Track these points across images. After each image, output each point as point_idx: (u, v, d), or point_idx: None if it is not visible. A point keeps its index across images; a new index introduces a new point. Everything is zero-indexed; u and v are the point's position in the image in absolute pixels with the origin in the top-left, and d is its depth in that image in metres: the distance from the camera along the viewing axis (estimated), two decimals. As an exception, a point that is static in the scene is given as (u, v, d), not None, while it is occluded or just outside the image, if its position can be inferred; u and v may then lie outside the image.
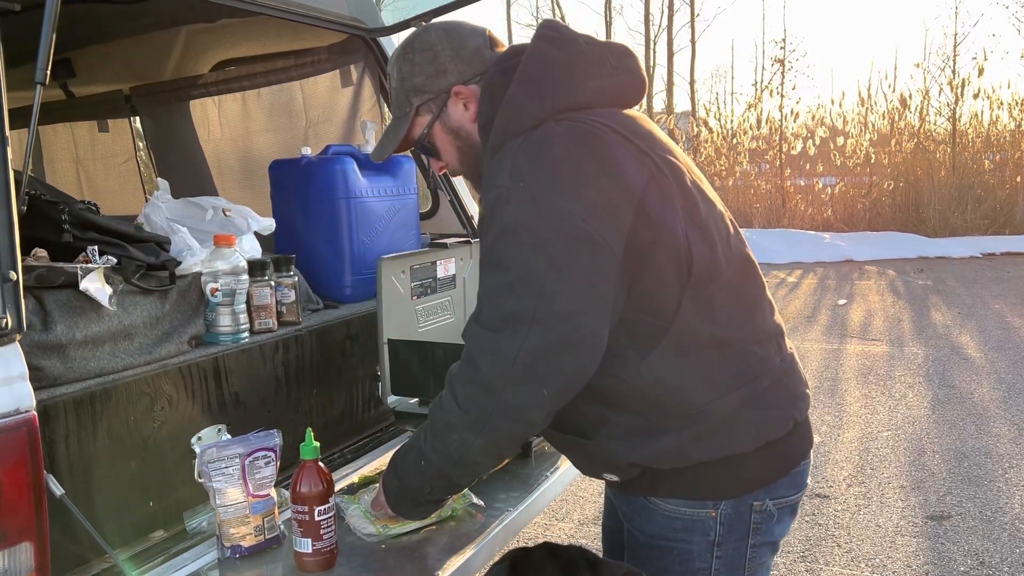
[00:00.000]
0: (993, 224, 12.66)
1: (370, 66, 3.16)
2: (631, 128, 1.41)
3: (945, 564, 3.16)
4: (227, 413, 1.94)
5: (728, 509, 1.43)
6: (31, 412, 1.31)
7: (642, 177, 1.35)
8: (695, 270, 1.36)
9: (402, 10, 2.81)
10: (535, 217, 1.30)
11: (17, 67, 1.56)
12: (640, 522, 1.51)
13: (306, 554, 1.62)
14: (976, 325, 7.10)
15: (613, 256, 1.30)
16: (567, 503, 3.78)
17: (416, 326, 2.40)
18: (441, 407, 1.42)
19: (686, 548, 1.46)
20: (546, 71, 1.42)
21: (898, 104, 14.07)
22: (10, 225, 1.28)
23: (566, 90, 1.41)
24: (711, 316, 1.38)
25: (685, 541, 1.45)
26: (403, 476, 1.57)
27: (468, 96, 1.51)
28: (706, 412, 1.38)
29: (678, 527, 1.46)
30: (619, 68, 1.48)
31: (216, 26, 3.24)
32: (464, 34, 1.53)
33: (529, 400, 1.32)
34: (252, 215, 2.38)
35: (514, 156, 1.35)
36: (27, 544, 1.31)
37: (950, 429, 4.61)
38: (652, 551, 1.49)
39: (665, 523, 1.46)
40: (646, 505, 1.48)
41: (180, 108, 3.77)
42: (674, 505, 1.45)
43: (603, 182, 1.33)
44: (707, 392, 1.38)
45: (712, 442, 1.39)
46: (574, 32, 1.48)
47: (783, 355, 1.49)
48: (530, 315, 1.28)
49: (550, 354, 1.28)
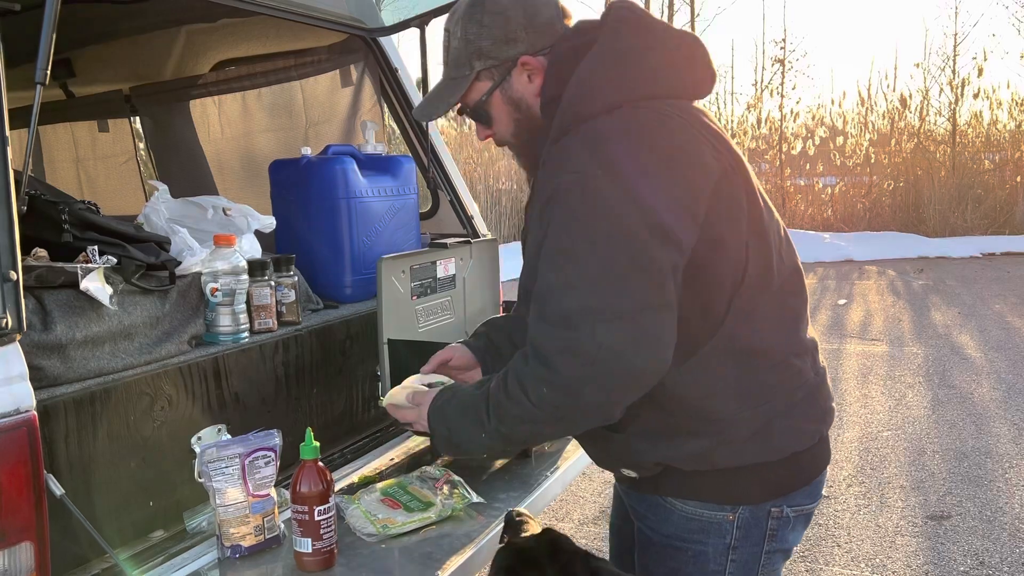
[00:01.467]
0: (993, 224, 12.66)
1: (370, 66, 3.16)
2: (704, 124, 1.38)
3: (945, 564, 3.16)
4: (227, 413, 1.94)
5: (746, 513, 1.42)
6: (31, 412, 1.31)
7: (717, 175, 1.31)
8: (748, 277, 1.34)
9: (402, 10, 2.82)
10: (616, 207, 1.23)
11: (17, 67, 1.55)
12: (654, 521, 1.49)
13: (306, 554, 1.62)
14: (976, 325, 7.10)
15: (683, 253, 1.26)
16: (567, 503, 3.78)
17: (416, 326, 2.40)
18: (510, 398, 1.31)
19: (701, 550, 1.44)
20: (625, 55, 1.36)
21: (898, 104, 14.08)
22: (10, 225, 1.28)
23: (644, 77, 1.36)
24: (757, 325, 1.36)
25: (701, 543, 1.43)
26: (455, 432, 1.43)
27: (535, 68, 1.44)
28: (738, 420, 1.36)
29: (694, 528, 1.43)
30: (693, 59, 1.43)
31: (216, 26, 3.24)
32: (539, 2, 1.45)
33: (610, 398, 1.26)
34: (253, 213, 2.38)
35: (591, 140, 1.29)
36: (27, 544, 1.31)
37: (950, 429, 4.61)
38: (666, 551, 1.48)
39: (681, 524, 1.44)
40: (662, 504, 1.46)
41: (180, 108, 3.77)
42: (692, 507, 1.43)
43: (683, 175, 1.28)
44: (741, 400, 1.36)
45: (740, 449, 1.37)
46: (651, 16, 1.43)
47: (817, 368, 1.47)
48: (609, 311, 1.22)
49: (630, 351, 1.22)
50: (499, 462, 2.22)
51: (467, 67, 1.46)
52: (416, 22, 2.77)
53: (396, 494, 1.92)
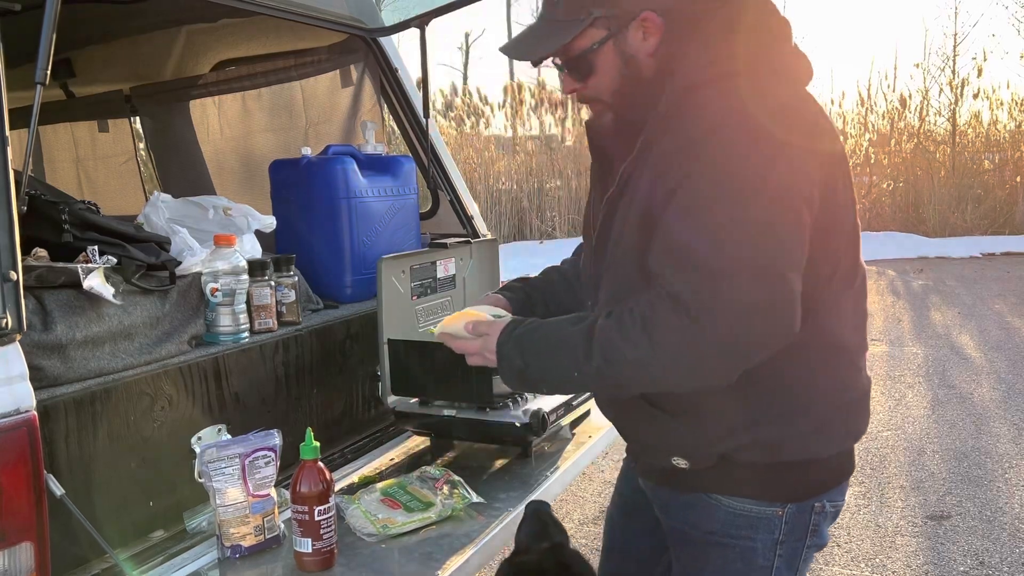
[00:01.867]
0: (993, 224, 12.66)
1: (370, 66, 3.16)
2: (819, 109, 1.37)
3: (945, 564, 3.16)
4: (227, 413, 1.94)
5: (794, 509, 1.41)
6: (31, 412, 1.31)
7: (839, 157, 1.32)
8: (839, 271, 1.33)
9: (402, 10, 2.82)
10: (770, 165, 1.21)
11: (17, 67, 1.55)
12: (695, 518, 1.45)
13: (306, 554, 1.62)
14: (976, 325, 7.11)
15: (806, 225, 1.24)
16: (567, 503, 3.79)
17: (416, 326, 2.40)
18: (627, 339, 1.25)
19: (749, 546, 1.41)
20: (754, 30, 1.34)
21: (898, 104, 14.06)
22: (10, 225, 1.28)
23: (770, 51, 1.35)
24: (838, 319, 1.36)
25: (749, 539, 1.41)
26: (533, 365, 1.37)
27: (653, 27, 1.36)
28: (810, 412, 1.36)
29: (741, 524, 1.41)
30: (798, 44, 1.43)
31: (216, 26, 3.24)
32: None
33: (740, 355, 1.23)
34: (253, 213, 2.38)
35: (735, 97, 1.26)
36: (27, 544, 1.31)
37: (950, 429, 4.61)
38: (710, 549, 1.44)
39: (727, 520, 1.41)
40: (704, 501, 1.43)
41: (180, 108, 3.77)
42: (740, 502, 1.40)
43: (821, 149, 1.28)
44: (817, 393, 1.36)
45: (805, 443, 1.37)
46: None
47: (866, 370, 1.49)
48: (759, 267, 1.19)
49: (772, 311, 1.20)
50: (499, 462, 2.22)
51: (583, 12, 1.38)
52: (416, 22, 2.77)
53: (396, 494, 1.92)
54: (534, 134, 14.07)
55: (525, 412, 2.11)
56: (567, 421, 2.35)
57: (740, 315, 1.19)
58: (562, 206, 12.91)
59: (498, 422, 2.12)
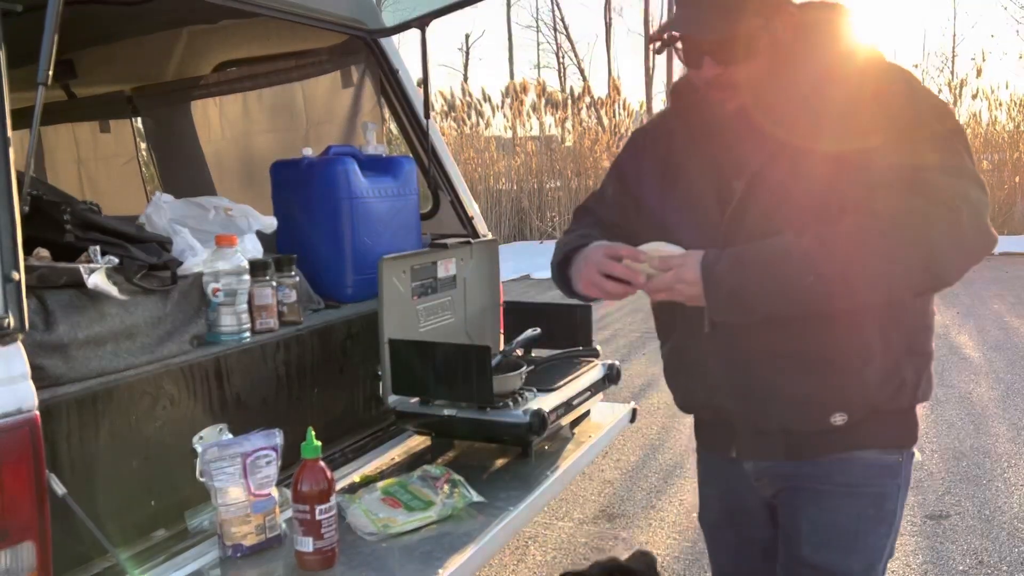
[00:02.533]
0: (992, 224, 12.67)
1: (371, 67, 3.17)
2: None
3: (944, 563, 3.17)
4: (228, 412, 1.95)
5: (907, 455, 1.55)
6: (33, 411, 1.32)
7: None
8: None
9: (402, 11, 2.83)
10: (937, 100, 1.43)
11: (19, 68, 1.56)
12: (825, 473, 1.53)
13: (307, 553, 1.63)
14: (975, 325, 7.11)
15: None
16: (567, 502, 3.79)
17: (417, 326, 2.40)
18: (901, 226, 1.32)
19: (882, 491, 1.53)
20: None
21: (898, 104, 14.05)
22: (12, 225, 1.29)
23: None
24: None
25: (882, 484, 1.53)
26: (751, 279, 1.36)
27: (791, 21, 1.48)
28: (929, 358, 1.51)
29: (874, 472, 1.53)
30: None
31: (217, 27, 3.25)
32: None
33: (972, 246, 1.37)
34: (254, 214, 2.39)
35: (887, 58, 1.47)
36: (29, 543, 1.32)
37: (948, 429, 4.61)
38: (847, 499, 1.53)
39: (863, 471, 1.52)
40: (839, 459, 1.51)
41: (182, 109, 3.77)
42: (874, 454, 1.52)
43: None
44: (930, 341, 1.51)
45: (923, 388, 1.51)
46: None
47: None
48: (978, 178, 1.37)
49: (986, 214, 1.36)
50: (499, 461, 2.23)
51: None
52: (416, 23, 2.78)
53: (397, 493, 1.92)
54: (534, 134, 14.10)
55: (525, 412, 2.11)
56: (567, 421, 2.35)
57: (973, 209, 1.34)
58: (562, 206, 12.92)
59: (498, 421, 2.12)
